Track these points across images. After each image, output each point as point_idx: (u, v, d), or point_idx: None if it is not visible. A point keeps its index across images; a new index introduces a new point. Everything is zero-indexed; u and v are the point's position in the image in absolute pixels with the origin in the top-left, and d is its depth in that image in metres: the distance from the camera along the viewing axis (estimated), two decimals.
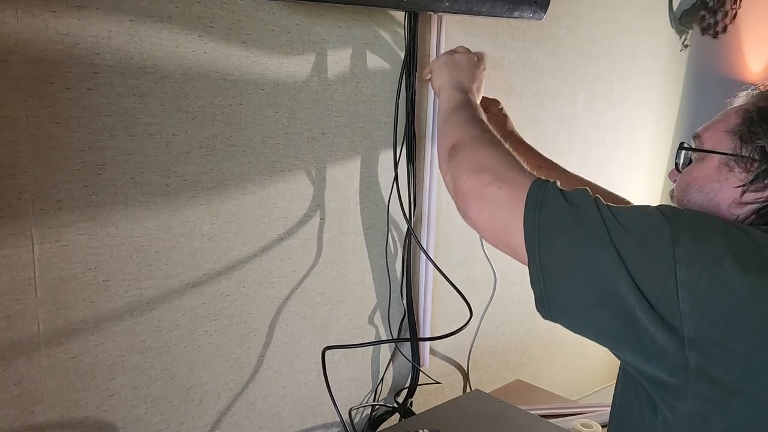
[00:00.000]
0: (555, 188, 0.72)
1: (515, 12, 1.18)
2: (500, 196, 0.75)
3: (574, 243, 0.67)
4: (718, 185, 0.76)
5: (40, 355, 0.83)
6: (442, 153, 0.89)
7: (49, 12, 0.76)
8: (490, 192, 0.76)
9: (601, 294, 0.66)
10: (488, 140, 0.85)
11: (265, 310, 1.07)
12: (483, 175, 0.78)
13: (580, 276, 0.67)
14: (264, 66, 0.98)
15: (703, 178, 0.78)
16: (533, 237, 0.70)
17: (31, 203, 0.78)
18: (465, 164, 0.82)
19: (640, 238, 0.65)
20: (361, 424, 1.28)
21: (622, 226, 0.66)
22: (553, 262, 0.69)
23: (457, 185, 0.81)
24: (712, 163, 0.77)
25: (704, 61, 2.18)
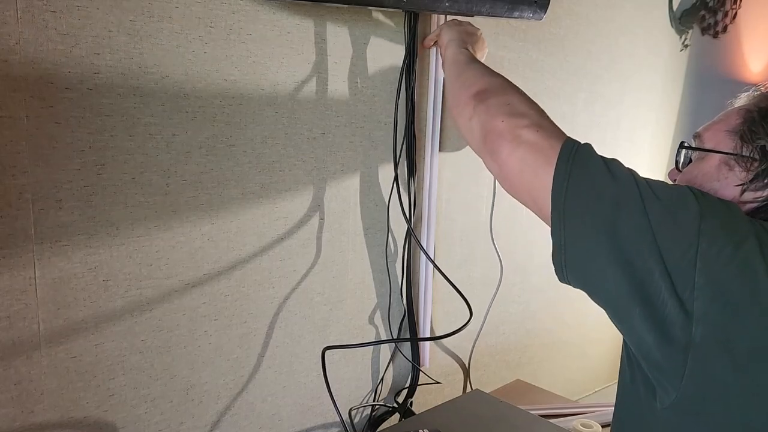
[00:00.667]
0: (591, 147, 0.74)
1: (515, 12, 1.18)
2: (536, 140, 0.75)
3: (604, 198, 0.68)
4: (718, 184, 0.76)
5: (40, 354, 0.83)
6: (465, 99, 0.87)
7: (50, 12, 0.76)
8: (525, 134, 0.76)
9: (622, 252, 0.66)
10: (517, 89, 0.86)
11: (264, 310, 1.07)
12: (520, 119, 0.78)
13: (603, 231, 0.67)
14: (264, 66, 0.98)
15: (703, 177, 0.78)
16: (562, 185, 0.71)
17: (32, 203, 0.79)
18: (499, 107, 0.82)
19: (670, 206, 0.66)
20: (361, 424, 1.28)
21: (653, 191, 0.67)
22: (577, 214, 0.69)
23: (491, 126, 0.80)
24: (712, 162, 0.78)
25: (704, 61, 2.18)
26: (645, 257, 0.65)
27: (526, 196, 0.77)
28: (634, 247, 0.66)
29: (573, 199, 0.70)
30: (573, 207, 0.70)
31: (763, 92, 0.79)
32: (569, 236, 0.70)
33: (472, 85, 0.88)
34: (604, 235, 0.67)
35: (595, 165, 0.71)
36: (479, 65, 0.95)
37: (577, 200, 0.70)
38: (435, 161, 1.26)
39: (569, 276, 0.73)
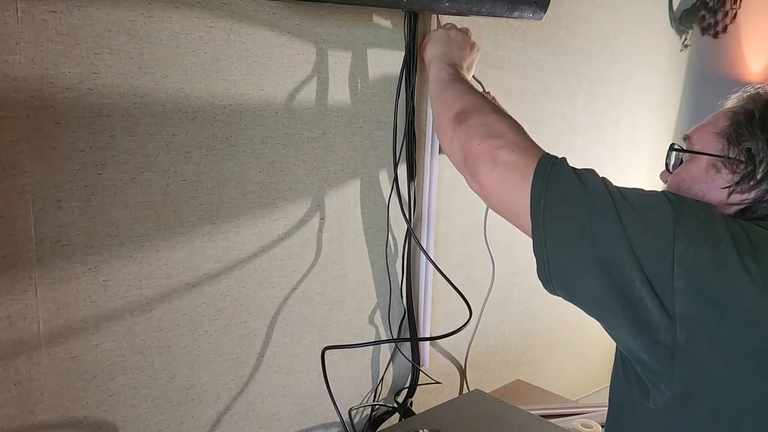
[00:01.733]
0: (565, 162, 0.75)
1: (515, 12, 1.18)
2: (512, 160, 0.77)
3: (579, 211, 0.69)
4: (705, 186, 0.77)
5: (40, 354, 0.83)
6: (446, 120, 0.89)
7: (50, 12, 0.76)
8: (502, 155, 0.78)
9: (602, 262, 0.67)
10: (495, 108, 0.87)
11: (264, 309, 1.07)
12: (496, 140, 0.80)
13: (581, 243, 0.68)
14: (264, 66, 0.98)
15: (692, 179, 0.79)
16: (539, 202, 0.72)
17: (32, 203, 0.79)
18: (476, 129, 0.83)
19: (643, 211, 0.67)
20: (361, 424, 1.28)
21: (626, 200, 0.68)
22: (556, 229, 0.71)
23: (469, 148, 0.83)
24: (700, 164, 0.78)
25: (704, 61, 2.18)
26: (623, 265, 0.66)
27: (508, 214, 0.79)
28: (611, 256, 0.67)
29: (550, 215, 0.71)
30: (551, 223, 0.71)
31: (750, 94, 0.80)
32: (551, 252, 0.71)
33: (451, 105, 0.90)
34: (583, 247, 0.68)
35: (568, 179, 0.72)
36: (459, 84, 0.95)
37: (554, 216, 0.71)
38: (435, 161, 1.26)
39: (557, 290, 0.74)
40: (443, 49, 1.07)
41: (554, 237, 0.71)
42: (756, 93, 0.79)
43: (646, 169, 2.05)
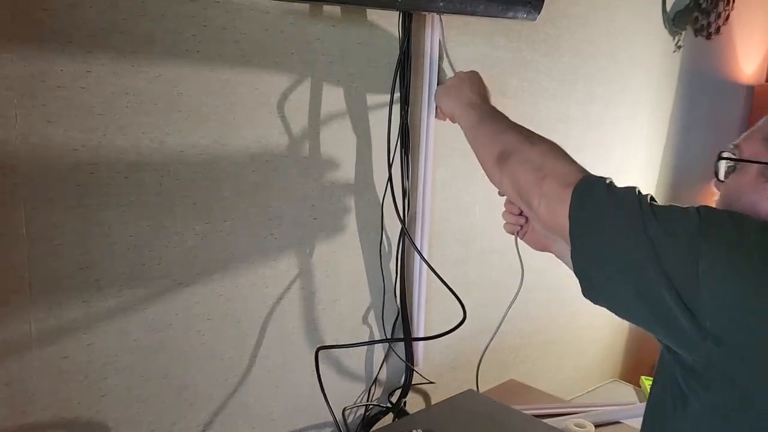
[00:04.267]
0: (602, 181, 0.76)
1: (509, 12, 1.18)
2: (553, 189, 0.80)
3: (610, 230, 0.71)
4: (756, 196, 0.75)
5: (32, 354, 0.82)
6: (490, 164, 0.93)
7: (42, 10, 0.76)
8: (545, 187, 0.81)
9: (634, 280, 0.69)
10: (529, 139, 0.90)
11: (258, 309, 1.07)
12: (538, 173, 0.83)
13: (615, 262, 0.71)
14: (258, 65, 0.98)
15: (740, 189, 0.77)
16: (576, 224, 0.75)
17: (24, 202, 0.78)
18: (519, 167, 0.86)
19: (671, 228, 0.67)
20: (354, 424, 1.28)
21: (655, 217, 0.69)
22: (591, 248, 0.73)
23: (518, 186, 0.86)
24: (750, 173, 0.76)
25: (697, 63, 2.19)
26: (655, 283, 0.67)
27: (561, 238, 0.80)
28: (643, 274, 0.68)
29: (586, 235, 0.74)
30: (587, 243, 0.74)
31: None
32: (588, 271, 0.74)
33: (489, 149, 0.93)
34: (616, 266, 0.71)
35: (600, 200, 0.74)
36: (488, 124, 0.97)
37: (590, 235, 0.74)
38: (429, 161, 1.26)
39: (600, 304, 0.76)
40: (452, 97, 1.08)
41: (590, 257, 0.74)
42: None
43: (641, 170, 2.05)
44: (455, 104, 1.07)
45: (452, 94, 1.09)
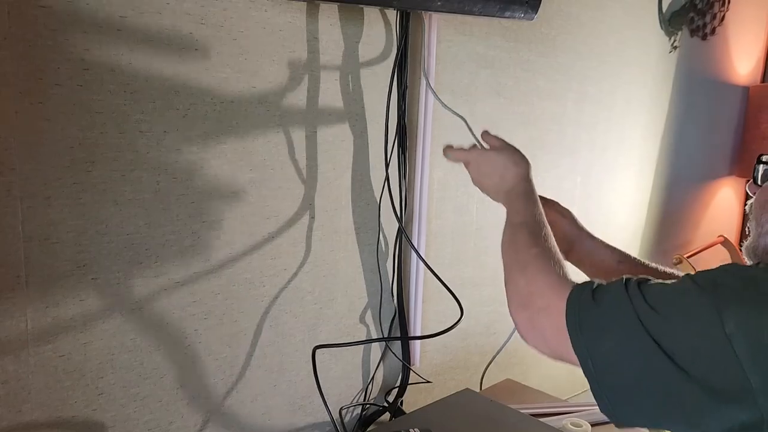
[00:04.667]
0: (587, 297, 0.69)
1: (506, 12, 1.18)
2: (544, 324, 0.74)
3: (613, 345, 0.65)
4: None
5: (28, 353, 0.82)
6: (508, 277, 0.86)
7: (39, 7, 0.75)
8: (536, 322, 0.76)
9: (655, 388, 0.63)
10: (520, 264, 0.82)
11: (255, 308, 1.06)
12: (524, 311, 0.78)
13: (629, 375, 0.65)
14: (256, 63, 0.98)
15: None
16: (580, 352, 0.68)
17: (20, 200, 0.78)
18: (510, 296, 0.81)
19: (683, 321, 0.62)
20: (351, 424, 1.28)
21: (656, 312, 0.63)
22: (602, 368, 0.67)
23: (513, 319, 0.80)
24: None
25: (693, 63, 2.20)
26: (680, 385, 0.61)
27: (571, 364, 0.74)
28: (663, 380, 0.62)
29: (593, 358, 0.68)
30: (597, 365, 0.67)
31: None
32: (606, 393, 0.67)
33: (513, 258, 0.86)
34: (633, 380, 0.64)
35: (595, 316, 0.68)
36: (506, 233, 0.88)
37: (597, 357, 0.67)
38: (426, 160, 1.26)
39: (633, 426, 0.69)
40: (494, 181, 0.95)
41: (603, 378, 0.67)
42: None
43: (635, 170, 2.06)
44: (496, 192, 0.96)
45: (484, 181, 0.97)
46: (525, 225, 0.87)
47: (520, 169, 0.93)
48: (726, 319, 0.59)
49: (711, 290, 0.63)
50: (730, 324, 0.59)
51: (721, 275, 0.65)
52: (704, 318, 0.61)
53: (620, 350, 0.65)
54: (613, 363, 0.66)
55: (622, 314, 0.65)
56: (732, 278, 0.64)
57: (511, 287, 0.81)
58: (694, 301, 0.63)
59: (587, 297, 0.69)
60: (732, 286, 0.63)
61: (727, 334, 0.59)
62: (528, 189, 0.91)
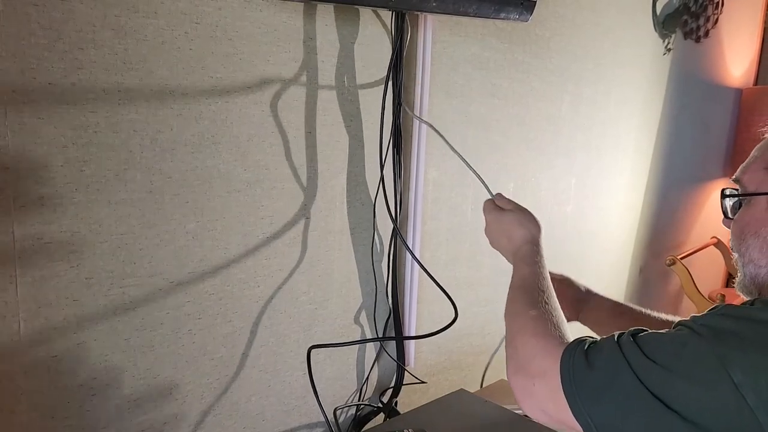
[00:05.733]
0: (580, 360, 0.69)
1: (501, 13, 1.18)
2: (542, 391, 0.72)
3: (615, 408, 0.65)
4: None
5: (21, 353, 0.81)
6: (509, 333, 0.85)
7: (32, 5, 0.75)
8: (533, 389, 0.73)
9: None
10: (516, 327, 0.81)
11: (249, 308, 1.06)
12: (521, 377, 0.75)
13: None
14: (250, 64, 0.97)
15: (756, 222, 0.75)
16: (582, 419, 0.67)
17: (13, 200, 0.77)
18: (508, 361, 0.79)
19: (686, 372, 0.61)
20: (345, 424, 1.28)
21: (656, 365, 0.63)
22: (605, 426, 0.66)
23: (510, 385, 0.79)
24: (760, 205, 0.75)
25: (687, 65, 2.21)
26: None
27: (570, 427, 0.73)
28: None
29: (598, 423, 0.66)
30: (600, 428, 0.66)
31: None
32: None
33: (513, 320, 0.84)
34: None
35: (591, 381, 0.67)
36: (510, 294, 0.88)
37: (601, 422, 0.66)
38: (421, 161, 1.26)
39: None
40: (502, 243, 0.97)
41: None
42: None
43: (629, 172, 2.07)
44: (504, 250, 0.97)
45: (499, 238, 0.98)
46: (525, 288, 0.86)
47: (527, 232, 0.93)
48: (732, 369, 0.59)
49: (711, 338, 0.62)
50: (738, 374, 0.59)
51: (718, 320, 0.65)
52: (709, 369, 0.60)
53: (623, 412, 0.64)
54: (617, 426, 0.64)
55: (620, 374, 0.64)
56: (729, 322, 0.64)
57: (509, 351, 0.79)
58: (695, 351, 0.62)
59: (580, 360, 0.68)
60: (731, 331, 0.62)
61: (736, 384, 0.58)
62: (532, 252, 0.90)
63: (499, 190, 1.05)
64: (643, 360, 0.64)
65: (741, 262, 0.78)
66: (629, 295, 2.26)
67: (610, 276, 2.13)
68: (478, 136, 1.43)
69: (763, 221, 0.74)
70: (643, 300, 2.35)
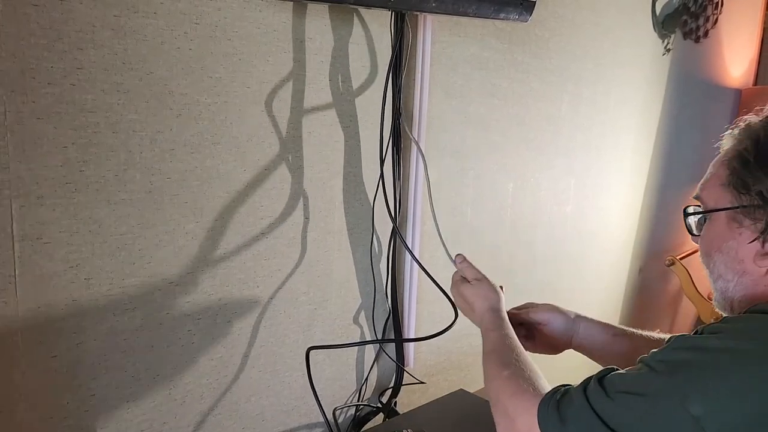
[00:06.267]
0: (554, 416, 0.71)
1: (501, 14, 1.18)
2: None
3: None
4: (735, 242, 0.74)
5: (20, 354, 0.81)
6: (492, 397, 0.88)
7: (32, 6, 0.75)
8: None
9: None
10: (495, 392, 0.84)
11: (249, 309, 1.06)
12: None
13: None
14: (250, 64, 0.97)
15: (720, 238, 0.76)
16: None
17: (12, 200, 0.77)
18: (497, 427, 0.82)
19: (645, 408, 0.64)
20: (345, 425, 1.28)
21: (615, 404, 0.66)
22: None
23: None
24: (720, 221, 0.76)
25: (686, 66, 2.21)
26: None
27: None
28: None
29: None
30: None
31: (740, 131, 0.77)
32: None
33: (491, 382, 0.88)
34: None
35: (565, 430, 0.70)
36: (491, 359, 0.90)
37: None
38: (420, 161, 1.26)
39: None
40: (468, 313, 1.03)
41: None
42: (744, 128, 0.76)
43: (629, 171, 2.07)
44: (475, 321, 1.02)
45: (467, 313, 1.04)
46: (495, 351, 0.91)
47: (488, 302, 0.99)
48: (689, 401, 0.62)
49: (667, 374, 0.65)
50: (696, 406, 0.61)
51: (672, 354, 0.67)
52: (666, 402, 0.63)
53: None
54: None
55: (588, 426, 0.67)
56: (683, 354, 0.66)
57: (496, 417, 0.83)
58: (652, 387, 0.65)
59: (554, 415, 0.72)
60: (686, 364, 0.65)
61: (694, 416, 0.61)
62: (494, 318, 0.96)
63: (498, 190, 1.06)
64: (606, 401, 0.67)
65: (711, 278, 0.80)
66: (629, 295, 2.26)
67: (609, 276, 2.13)
68: (477, 136, 1.43)
69: (724, 237, 0.75)
70: (643, 300, 2.35)
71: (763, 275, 0.72)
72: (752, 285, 0.74)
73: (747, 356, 0.63)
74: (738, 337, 0.65)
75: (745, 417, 0.60)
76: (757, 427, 0.60)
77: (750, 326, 0.67)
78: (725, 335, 0.66)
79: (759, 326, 0.67)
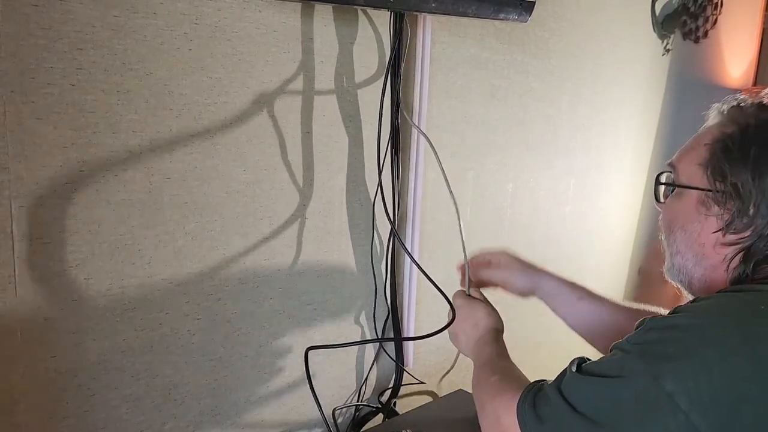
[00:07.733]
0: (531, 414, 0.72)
1: (500, 14, 1.18)
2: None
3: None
4: (699, 225, 0.74)
5: (20, 354, 0.81)
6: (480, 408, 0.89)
7: (31, 6, 0.75)
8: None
9: None
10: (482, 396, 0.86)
11: (248, 309, 1.06)
12: None
13: None
14: (249, 64, 0.97)
15: (684, 217, 0.76)
16: None
17: (11, 200, 0.77)
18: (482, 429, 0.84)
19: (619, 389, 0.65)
20: (344, 425, 1.28)
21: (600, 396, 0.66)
22: None
23: None
24: (690, 199, 0.75)
25: (685, 66, 2.21)
26: None
27: None
28: None
29: None
30: None
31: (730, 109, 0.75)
32: None
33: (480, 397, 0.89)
34: None
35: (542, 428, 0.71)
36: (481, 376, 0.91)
37: None
38: (420, 162, 1.26)
39: None
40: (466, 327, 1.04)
41: None
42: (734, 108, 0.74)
43: (629, 171, 2.07)
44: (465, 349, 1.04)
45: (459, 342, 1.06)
46: (489, 362, 0.93)
47: (492, 320, 1.03)
48: (662, 378, 0.62)
49: (639, 354, 0.65)
50: (668, 382, 0.61)
51: (644, 335, 0.68)
52: (641, 381, 0.63)
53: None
54: None
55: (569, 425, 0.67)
56: (655, 334, 0.67)
57: (482, 419, 0.84)
58: (626, 369, 0.65)
59: (531, 414, 0.72)
60: (657, 342, 0.65)
61: (667, 392, 0.61)
62: (496, 336, 1.00)
63: (498, 191, 1.06)
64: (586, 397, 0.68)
65: (669, 251, 0.81)
66: (629, 295, 2.26)
67: (609, 276, 2.13)
68: (477, 136, 1.43)
69: (689, 217, 0.75)
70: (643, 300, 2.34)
71: (721, 261, 0.73)
72: (711, 268, 0.75)
73: (712, 332, 0.63)
74: (704, 315, 0.66)
75: (714, 390, 0.60)
76: (726, 399, 0.60)
77: (717, 303, 0.68)
78: (693, 313, 0.67)
79: (725, 302, 0.68)
